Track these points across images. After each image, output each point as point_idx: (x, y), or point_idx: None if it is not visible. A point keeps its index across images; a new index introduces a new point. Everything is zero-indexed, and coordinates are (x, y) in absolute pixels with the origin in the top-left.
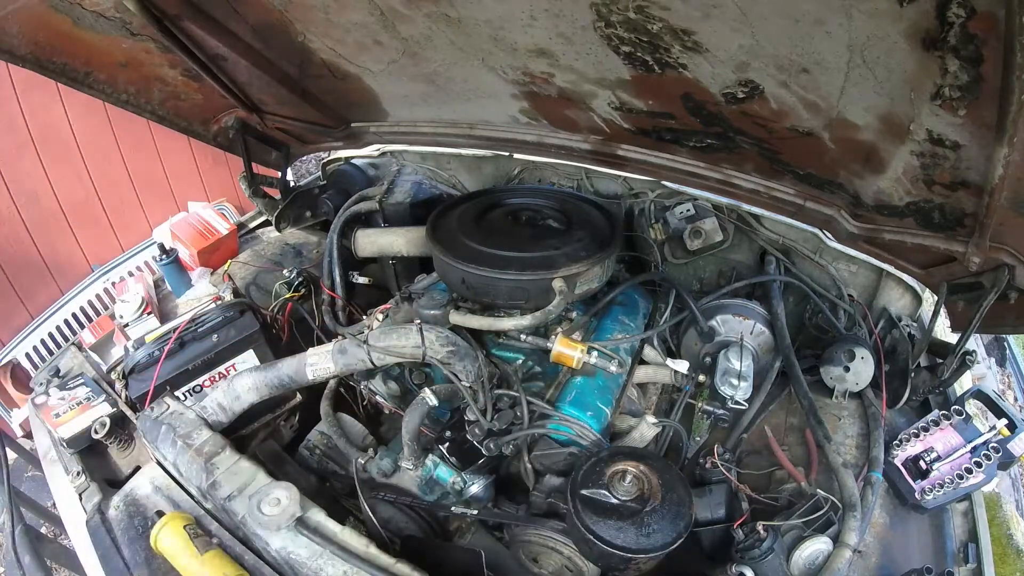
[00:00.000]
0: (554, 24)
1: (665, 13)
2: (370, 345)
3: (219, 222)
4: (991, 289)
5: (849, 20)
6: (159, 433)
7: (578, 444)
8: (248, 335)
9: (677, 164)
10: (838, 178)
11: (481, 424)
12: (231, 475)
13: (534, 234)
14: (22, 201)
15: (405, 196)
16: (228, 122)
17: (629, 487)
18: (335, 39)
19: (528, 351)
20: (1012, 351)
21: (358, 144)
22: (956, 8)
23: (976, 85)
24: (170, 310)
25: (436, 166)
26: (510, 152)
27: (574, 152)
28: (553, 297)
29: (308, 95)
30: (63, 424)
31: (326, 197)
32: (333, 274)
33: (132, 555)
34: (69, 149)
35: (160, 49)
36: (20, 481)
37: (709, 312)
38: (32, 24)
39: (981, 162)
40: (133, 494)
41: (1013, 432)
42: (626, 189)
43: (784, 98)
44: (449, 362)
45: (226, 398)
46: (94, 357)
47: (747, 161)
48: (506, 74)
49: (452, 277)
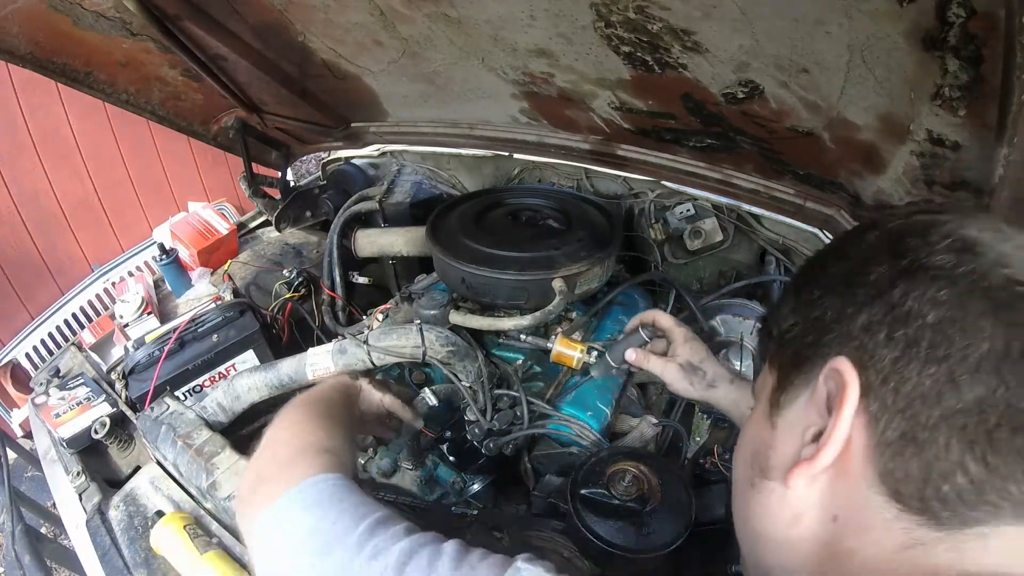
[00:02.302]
0: (554, 24)
1: (665, 13)
2: (370, 345)
3: (219, 222)
4: None
5: (849, 20)
6: (159, 433)
7: (578, 444)
8: (248, 335)
9: (677, 164)
10: (838, 178)
11: (481, 424)
12: (231, 475)
13: (534, 234)
14: (22, 201)
15: (405, 196)
16: (228, 122)
17: (629, 487)
18: (335, 39)
19: (528, 351)
20: None
21: (358, 144)
22: (956, 8)
23: (976, 85)
24: (170, 310)
25: (436, 166)
26: (510, 152)
27: (574, 152)
28: (553, 297)
29: (308, 95)
30: (63, 424)
31: (326, 197)
32: (333, 274)
33: (132, 555)
34: (69, 149)
35: (160, 49)
36: (20, 481)
37: (709, 312)
38: (32, 24)
39: (981, 162)
40: (133, 494)
41: None
42: (626, 189)
43: (784, 98)
44: (449, 362)
45: (226, 398)
46: (94, 357)
47: (747, 161)
48: (506, 74)
49: (452, 277)
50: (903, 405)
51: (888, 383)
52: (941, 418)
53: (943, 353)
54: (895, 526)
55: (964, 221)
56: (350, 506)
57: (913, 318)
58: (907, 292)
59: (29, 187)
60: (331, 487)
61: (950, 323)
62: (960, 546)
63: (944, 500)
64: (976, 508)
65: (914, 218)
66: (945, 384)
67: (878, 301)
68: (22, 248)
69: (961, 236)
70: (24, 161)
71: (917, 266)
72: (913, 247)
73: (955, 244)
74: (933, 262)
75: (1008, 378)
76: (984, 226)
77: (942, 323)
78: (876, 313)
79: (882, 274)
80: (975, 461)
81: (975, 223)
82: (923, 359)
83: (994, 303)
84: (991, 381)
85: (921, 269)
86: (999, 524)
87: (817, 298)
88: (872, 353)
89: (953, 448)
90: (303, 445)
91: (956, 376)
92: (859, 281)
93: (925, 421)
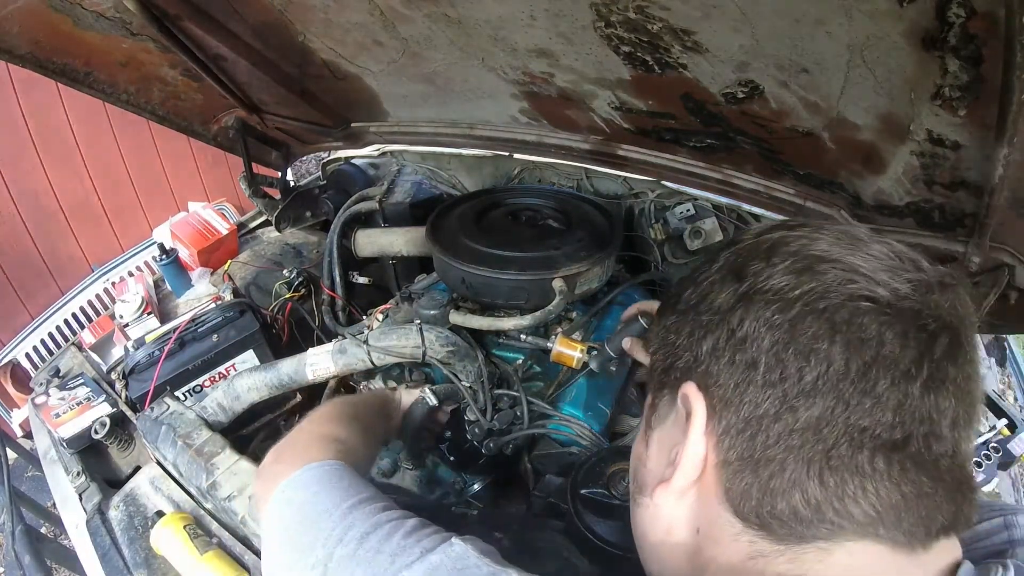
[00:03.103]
0: (554, 24)
1: (665, 13)
2: (370, 345)
3: (219, 222)
4: (991, 289)
5: (849, 20)
6: (159, 433)
7: (578, 444)
8: (248, 335)
9: (677, 164)
10: (838, 178)
11: (481, 424)
12: (231, 475)
13: (534, 234)
14: (22, 201)
15: (405, 196)
16: (228, 122)
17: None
18: (335, 39)
19: (528, 351)
20: (1012, 351)
21: (358, 144)
22: (956, 8)
23: (976, 85)
24: (170, 310)
25: (436, 166)
26: (510, 152)
27: (574, 152)
28: (553, 297)
29: (308, 95)
30: (63, 424)
31: (326, 197)
32: (333, 274)
33: (132, 555)
34: (69, 149)
35: (160, 49)
36: (20, 481)
37: None
38: (32, 24)
39: (981, 162)
40: (133, 494)
41: (1013, 432)
42: (626, 189)
43: (784, 98)
44: (449, 362)
45: (226, 398)
46: (94, 357)
47: (747, 161)
48: (506, 74)
49: (452, 277)
50: (743, 427)
51: (730, 406)
52: (777, 439)
53: (778, 376)
54: (741, 539)
55: (816, 236)
56: (340, 488)
57: (751, 343)
58: (744, 317)
59: (29, 187)
60: (328, 471)
61: (784, 346)
62: (800, 557)
63: (779, 518)
64: (813, 526)
65: (764, 237)
66: (781, 406)
67: (721, 326)
68: (22, 248)
69: (806, 255)
70: (24, 161)
71: (755, 290)
72: (754, 271)
73: (796, 265)
74: (771, 285)
75: (848, 397)
76: (837, 239)
77: (776, 346)
78: (720, 338)
79: (725, 299)
80: (812, 480)
81: (827, 237)
82: (760, 383)
83: (831, 323)
84: (828, 401)
85: (758, 293)
86: (843, 541)
87: (672, 324)
88: (716, 378)
89: (788, 468)
90: (319, 434)
91: (790, 398)
92: (705, 307)
93: (763, 442)
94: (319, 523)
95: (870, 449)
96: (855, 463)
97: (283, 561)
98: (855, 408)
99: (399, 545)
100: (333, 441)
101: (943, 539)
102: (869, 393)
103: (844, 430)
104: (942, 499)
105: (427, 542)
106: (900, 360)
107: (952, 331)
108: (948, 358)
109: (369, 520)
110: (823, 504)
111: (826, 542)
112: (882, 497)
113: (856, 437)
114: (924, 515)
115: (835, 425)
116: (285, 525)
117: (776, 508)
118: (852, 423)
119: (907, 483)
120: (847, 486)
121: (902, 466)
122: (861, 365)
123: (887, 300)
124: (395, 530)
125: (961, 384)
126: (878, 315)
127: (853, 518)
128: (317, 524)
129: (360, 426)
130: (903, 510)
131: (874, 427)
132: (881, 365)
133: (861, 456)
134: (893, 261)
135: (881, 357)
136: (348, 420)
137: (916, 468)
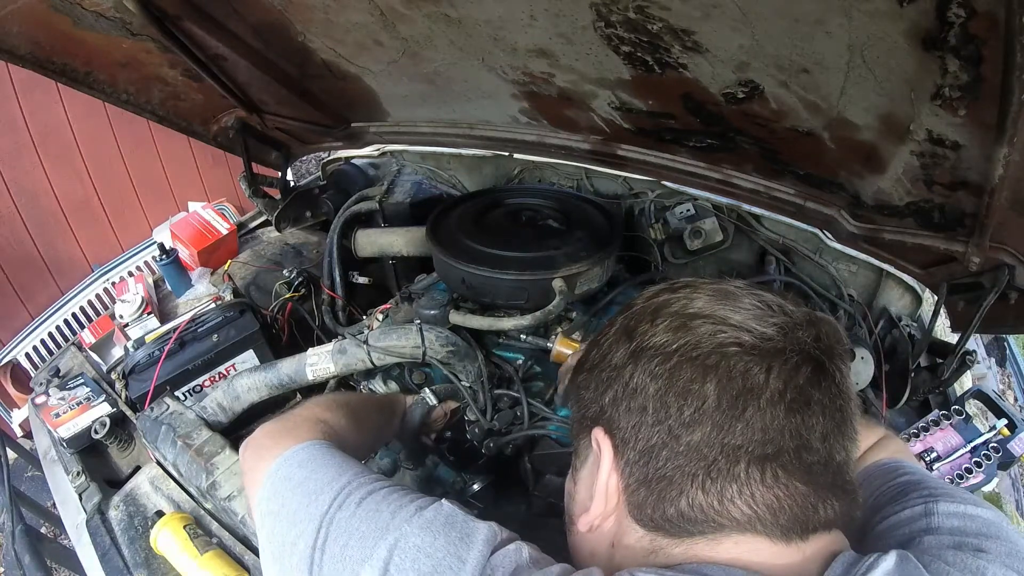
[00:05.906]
0: (554, 24)
1: (665, 13)
2: (370, 345)
3: (219, 222)
4: (991, 289)
5: (849, 20)
6: (159, 433)
7: None
8: (248, 335)
9: (677, 164)
10: (838, 178)
11: (481, 424)
12: (231, 475)
13: (534, 234)
14: (22, 201)
15: (405, 196)
16: (228, 122)
17: None
18: (335, 39)
19: (528, 351)
20: (1012, 351)
21: (358, 144)
22: (956, 8)
23: (976, 85)
24: (170, 310)
25: (436, 166)
26: (510, 152)
27: (574, 152)
28: (553, 297)
29: (308, 95)
30: (63, 424)
31: (326, 197)
32: (333, 274)
33: (132, 555)
34: (69, 149)
35: (160, 49)
36: (20, 481)
37: None
38: (32, 24)
39: (981, 162)
40: (133, 494)
41: (1013, 432)
42: (626, 189)
43: (784, 98)
44: (449, 362)
45: (226, 398)
46: (94, 357)
47: (747, 161)
48: (506, 74)
49: (452, 277)
50: (638, 458)
51: (628, 443)
52: (666, 461)
53: (664, 415)
54: (644, 540)
55: (694, 296)
56: (333, 464)
57: (640, 391)
58: (634, 372)
59: (29, 187)
60: (319, 450)
61: (667, 391)
62: (692, 548)
63: (671, 520)
64: (699, 524)
65: (651, 301)
66: (668, 437)
67: (617, 380)
68: (22, 248)
69: (683, 313)
70: (24, 161)
71: (641, 348)
72: (641, 332)
73: (674, 323)
74: (654, 343)
75: (721, 423)
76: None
77: (660, 392)
78: (617, 390)
79: (619, 357)
80: (695, 489)
81: (703, 296)
82: (651, 422)
83: (704, 367)
84: (706, 428)
85: (645, 350)
86: (729, 534)
87: (582, 381)
88: (618, 422)
89: (676, 482)
90: (307, 416)
91: (675, 430)
92: (605, 365)
93: (655, 466)
94: (319, 494)
95: (745, 462)
96: (732, 473)
97: (283, 535)
98: (728, 431)
99: (397, 504)
100: (320, 423)
101: (823, 532)
102: (739, 418)
103: (721, 449)
104: (817, 500)
105: (421, 501)
106: (764, 389)
107: (815, 361)
108: (812, 384)
109: (365, 488)
110: (706, 506)
111: (714, 535)
112: (757, 499)
113: (732, 453)
114: (799, 513)
115: (713, 446)
116: (283, 501)
117: (667, 512)
118: (727, 443)
119: (780, 487)
120: (726, 492)
121: (774, 473)
122: (731, 397)
123: (751, 343)
124: (391, 493)
125: (827, 404)
126: (743, 355)
127: (732, 516)
128: (317, 495)
129: (350, 413)
130: (778, 509)
131: (746, 444)
132: (747, 395)
133: (737, 468)
134: (760, 310)
135: (747, 389)
136: (339, 407)
137: (787, 475)
